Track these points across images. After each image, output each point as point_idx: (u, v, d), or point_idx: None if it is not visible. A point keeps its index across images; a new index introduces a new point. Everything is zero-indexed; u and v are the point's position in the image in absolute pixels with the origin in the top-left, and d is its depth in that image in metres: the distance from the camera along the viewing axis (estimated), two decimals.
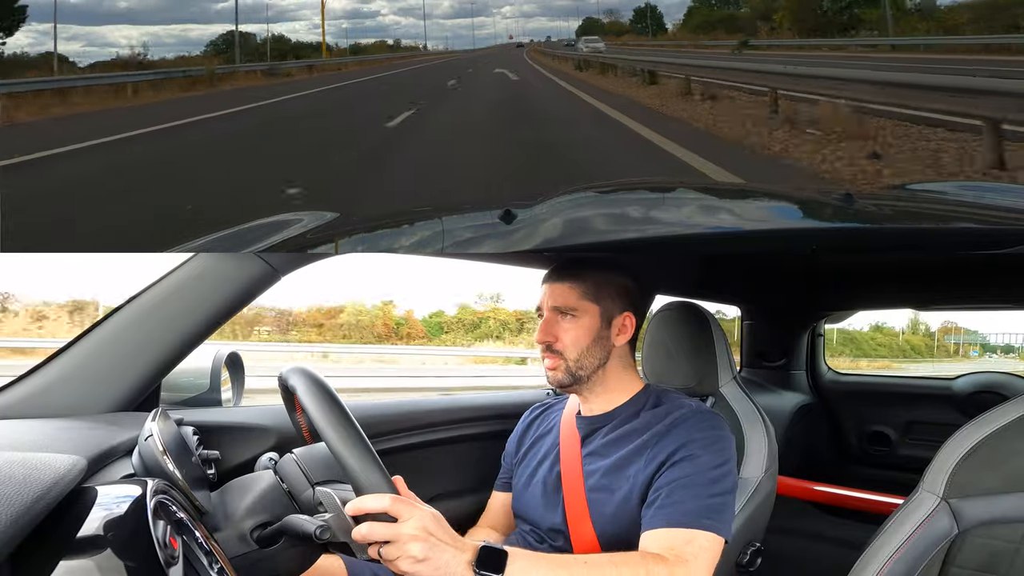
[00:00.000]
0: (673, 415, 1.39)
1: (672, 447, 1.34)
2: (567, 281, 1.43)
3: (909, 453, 3.21)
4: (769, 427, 1.80)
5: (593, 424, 1.47)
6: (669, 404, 1.43)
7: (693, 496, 1.29)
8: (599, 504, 1.39)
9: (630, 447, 1.39)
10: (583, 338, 1.42)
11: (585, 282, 1.43)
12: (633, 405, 1.46)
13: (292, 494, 1.17)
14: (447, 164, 6.05)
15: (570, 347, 1.42)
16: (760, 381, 3.22)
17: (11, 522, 0.69)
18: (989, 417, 1.23)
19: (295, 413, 1.17)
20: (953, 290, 3.00)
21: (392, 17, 56.10)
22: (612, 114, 9.08)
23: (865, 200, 1.62)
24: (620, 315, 1.45)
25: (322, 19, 37.98)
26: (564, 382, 1.44)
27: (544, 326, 1.43)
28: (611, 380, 1.47)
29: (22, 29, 24.17)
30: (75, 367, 1.34)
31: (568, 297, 1.42)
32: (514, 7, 65.91)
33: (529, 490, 1.50)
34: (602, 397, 1.47)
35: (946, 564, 1.20)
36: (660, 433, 1.37)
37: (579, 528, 1.40)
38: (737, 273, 2.84)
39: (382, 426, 1.73)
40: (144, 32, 39.21)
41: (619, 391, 1.47)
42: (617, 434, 1.43)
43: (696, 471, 1.31)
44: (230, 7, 32.33)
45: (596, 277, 1.44)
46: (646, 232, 1.29)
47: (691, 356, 1.81)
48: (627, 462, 1.38)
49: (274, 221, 1.53)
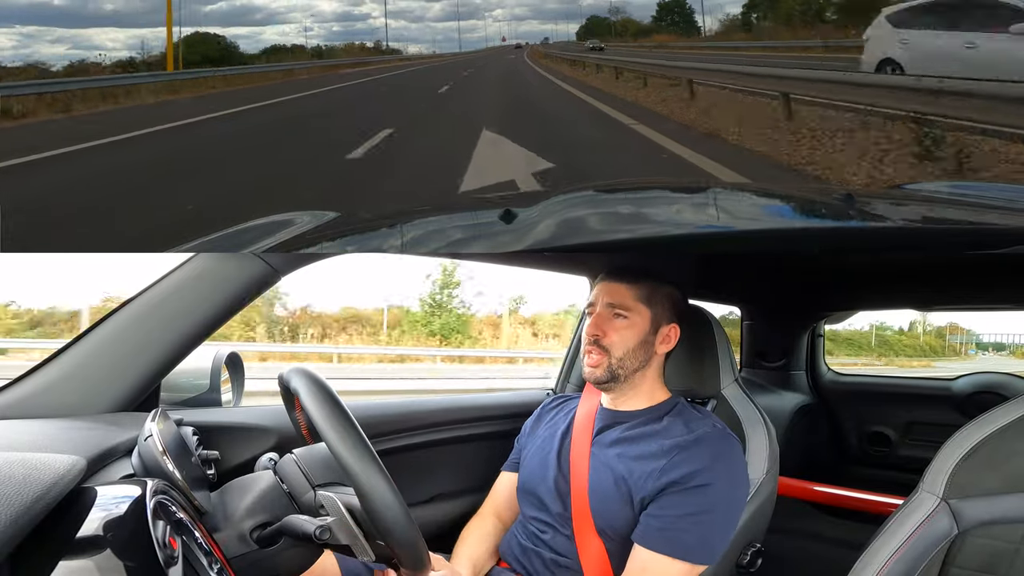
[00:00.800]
0: (698, 432, 1.42)
1: (690, 468, 1.35)
2: (625, 282, 1.49)
3: (909, 453, 3.20)
4: (770, 428, 1.80)
5: (616, 418, 1.51)
6: (695, 420, 1.47)
7: (699, 531, 1.32)
8: (598, 486, 1.42)
9: (649, 445, 1.42)
10: (631, 339, 1.47)
11: (641, 286, 1.49)
12: (658, 411, 1.50)
13: (292, 495, 1.17)
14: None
15: (617, 344, 1.46)
16: (760, 382, 3.22)
17: (11, 522, 0.69)
18: (989, 417, 1.23)
19: (295, 413, 1.17)
20: (953, 290, 3.00)
21: (383, 20, 56.02)
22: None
23: (865, 200, 1.62)
24: (668, 325, 1.51)
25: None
26: (602, 379, 1.47)
27: (596, 320, 1.48)
28: (644, 385, 1.51)
29: (3, 31, 23.67)
30: (75, 367, 1.34)
31: (624, 297, 1.48)
32: (505, 10, 65.77)
33: (538, 470, 1.53)
34: (631, 398, 1.52)
35: (946, 564, 1.20)
36: (682, 446, 1.39)
37: (580, 510, 1.42)
38: (737, 273, 2.84)
39: (382, 426, 1.73)
40: (131, 35, 38.69)
41: (648, 397, 1.52)
42: (638, 432, 1.46)
43: (709, 506, 1.34)
44: (219, 9, 31.61)
45: (651, 283, 1.50)
46: (646, 232, 1.29)
47: (692, 357, 1.81)
48: (641, 457, 1.41)
49: (274, 221, 1.53)
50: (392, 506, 1.05)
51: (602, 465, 1.44)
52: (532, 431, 1.65)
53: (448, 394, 4.70)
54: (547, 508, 1.48)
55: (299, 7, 45.25)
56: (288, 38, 42.77)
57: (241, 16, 40.49)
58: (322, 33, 46.85)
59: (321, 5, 45.19)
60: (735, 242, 1.33)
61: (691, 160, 5.46)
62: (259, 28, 44.42)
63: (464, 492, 1.83)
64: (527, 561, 1.46)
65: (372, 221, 1.78)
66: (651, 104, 9.43)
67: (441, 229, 1.56)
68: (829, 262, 2.76)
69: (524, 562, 1.47)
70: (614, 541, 1.39)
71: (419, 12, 59.41)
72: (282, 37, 41.20)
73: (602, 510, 1.41)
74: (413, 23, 56.67)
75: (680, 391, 1.84)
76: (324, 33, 49.20)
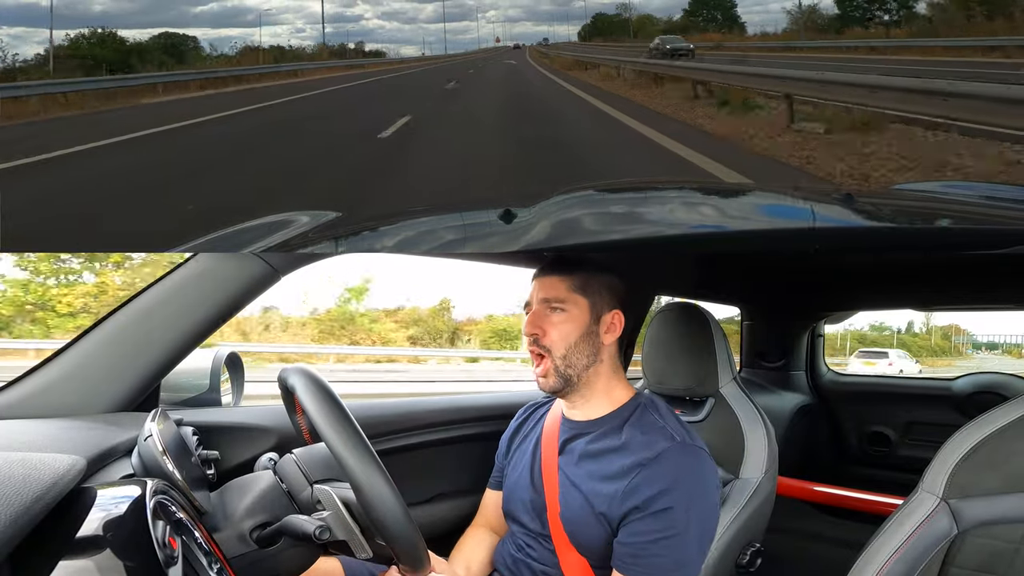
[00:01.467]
0: (657, 447, 1.33)
1: (651, 491, 1.29)
2: (556, 274, 1.42)
3: (909, 453, 3.21)
4: (769, 428, 1.80)
5: (576, 429, 1.45)
6: (655, 431, 1.37)
7: (673, 554, 1.28)
8: (568, 507, 1.39)
9: (611, 464, 1.36)
10: (572, 333, 1.39)
11: (574, 276, 1.41)
12: (618, 417, 1.42)
13: (291, 494, 1.17)
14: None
15: (558, 342, 1.38)
16: (759, 381, 3.22)
17: (10, 522, 0.69)
18: (989, 417, 1.23)
19: (295, 413, 1.17)
20: (953, 290, 3.00)
21: (376, 22, 55.51)
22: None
23: (865, 200, 1.62)
24: (609, 312, 1.43)
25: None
26: (556, 386, 1.40)
27: (532, 318, 1.41)
28: (599, 384, 1.43)
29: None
30: (75, 367, 1.34)
31: (558, 289, 1.40)
32: (499, 11, 65.30)
33: (516, 490, 1.50)
34: (589, 402, 1.44)
35: (946, 564, 1.20)
36: (641, 463, 1.32)
37: (556, 527, 1.40)
38: (737, 273, 2.84)
39: (382, 426, 1.73)
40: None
41: (606, 398, 1.44)
42: (600, 446, 1.40)
43: (679, 527, 1.28)
44: (209, 11, 30.74)
45: (585, 272, 1.42)
46: (646, 232, 1.29)
47: (691, 357, 1.81)
48: (605, 477, 1.35)
49: (274, 221, 1.53)
50: (392, 506, 1.05)
51: (571, 484, 1.39)
52: (508, 448, 1.61)
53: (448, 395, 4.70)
54: (527, 527, 1.46)
55: (292, 8, 44.71)
56: (280, 39, 42.08)
57: (232, 18, 39.97)
58: (312, 34, 46.21)
59: (313, 7, 44.68)
60: (735, 242, 1.33)
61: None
62: (251, 30, 44.04)
63: (464, 492, 1.83)
64: (517, 571, 1.46)
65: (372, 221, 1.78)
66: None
67: (440, 229, 1.56)
68: (829, 262, 2.76)
69: (515, 571, 1.46)
70: (594, 556, 1.36)
71: (412, 14, 59.09)
72: (275, 38, 40.69)
73: (575, 530, 1.37)
74: (406, 24, 56.32)
75: (679, 390, 1.85)
76: (315, 34, 48.55)
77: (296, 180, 5.53)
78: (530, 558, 1.44)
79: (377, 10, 53.32)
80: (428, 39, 57.80)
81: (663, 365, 1.83)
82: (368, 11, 53.92)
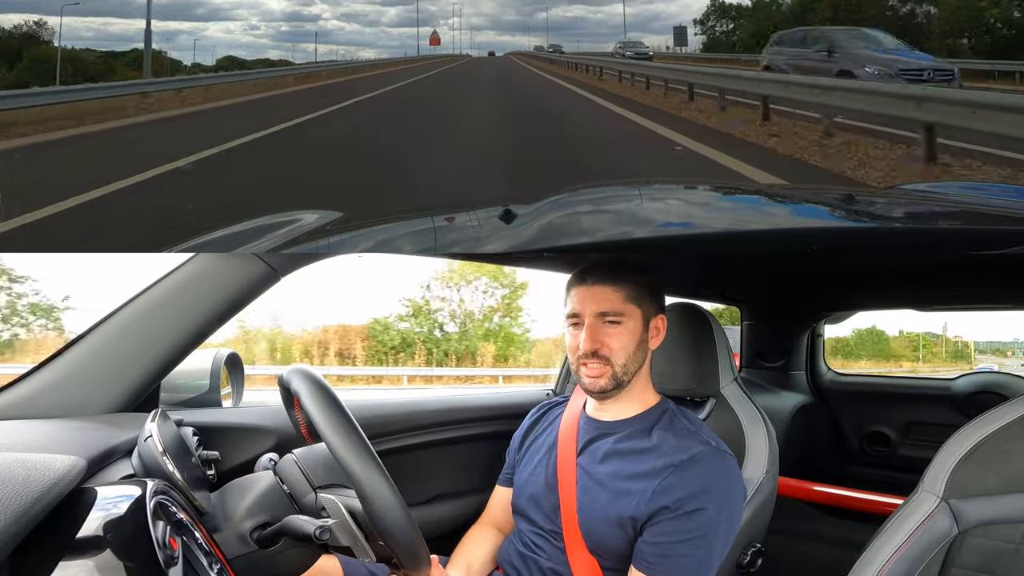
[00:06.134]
0: (692, 451, 1.34)
1: (683, 492, 1.30)
2: (609, 284, 1.39)
3: (909, 453, 3.20)
4: (770, 428, 1.79)
5: (601, 429, 1.45)
6: (688, 435, 1.38)
7: (700, 553, 1.29)
8: (588, 505, 1.38)
9: (640, 464, 1.36)
10: (630, 343, 1.38)
11: (627, 285, 1.39)
12: (646, 419, 1.43)
13: (293, 496, 1.17)
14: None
15: (618, 352, 1.37)
16: (759, 382, 3.21)
17: (11, 522, 0.69)
18: (989, 417, 1.23)
19: (295, 414, 1.17)
20: (953, 290, 3.00)
21: (335, 22, 54.48)
22: None
23: (865, 200, 1.62)
24: (655, 317, 1.44)
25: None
26: (608, 388, 1.39)
27: (590, 333, 1.37)
28: (636, 387, 1.43)
29: None
30: (75, 367, 1.34)
31: (612, 302, 1.38)
32: (463, 19, 64.41)
33: (527, 487, 1.50)
34: (621, 403, 1.44)
35: (946, 564, 1.20)
36: (675, 466, 1.32)
37: (570, 526, 1.40)
38: (737, 273, 2.84)
39: (382, 427, 1.73)
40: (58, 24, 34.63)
41: (638, 401, 1.45)
42: (628, 446, 1.40)
43: (707, 529, 1.29)
44: (158, 2, 27.97)
45: (634, 280, 1.40)
46: (646, 232, 1.29)
47: (691, 357, 1.81)
48: (633, 476, 1.35)
49: (274, 221, 1.53)
50: (392, 507, 1.05)
51: (593, 483, 1.39)
52: (521, 445, 1.60)
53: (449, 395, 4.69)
54: (538, 525, 1.45)
55: (246, 3, 42.83)
56: (233, 35, 40.42)
57: (182, 11, 38.13)
58: (269, 33, 44.39)
59: (269, 4, 42.86)
60: (735, 242, 1.33)
61: None
62: (203, 24, 42.26)
63: (465, 492, 1.83)
64: (524, 568, 1.45)
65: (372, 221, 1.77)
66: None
67: (440, 229, 1.56)
68: (829, 262, 2.76)
69: (521, 568, 1.46)
70: (605, 555, 1.36)
71: (374, 16, 58.20)
72: (227, 35, 39.13)
73: (592, 530, 1.36)
74: (367, 27, 55.29)
75: (679, 391, 1.84)
76: (272, 33, 46.64)
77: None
78: (538, 556, 1.44)
79: (336, 10, 52.36)
80: (391, 43, 56.74)
81: (664, 365, 1.83)
82: (327, 11, 52.95)
